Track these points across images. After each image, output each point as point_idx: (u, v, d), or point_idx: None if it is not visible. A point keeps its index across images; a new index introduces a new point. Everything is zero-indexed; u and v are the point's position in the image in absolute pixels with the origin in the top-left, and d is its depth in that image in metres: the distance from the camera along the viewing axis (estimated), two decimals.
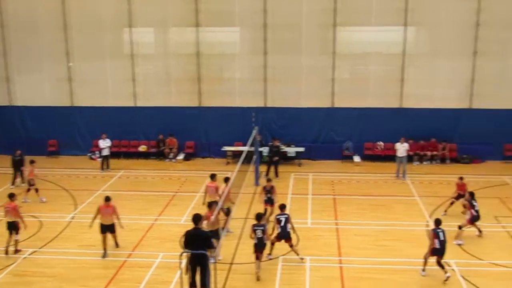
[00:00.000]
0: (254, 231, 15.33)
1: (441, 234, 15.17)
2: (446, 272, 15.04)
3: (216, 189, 18.85)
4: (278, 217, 16.39)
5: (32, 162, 22.77)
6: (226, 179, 18.71)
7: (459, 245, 17.39)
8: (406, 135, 25.33)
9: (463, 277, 15.38)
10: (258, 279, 15.26)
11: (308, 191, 23.36)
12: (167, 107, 28.91)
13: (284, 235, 16.19)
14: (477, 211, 17.82)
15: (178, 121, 28.83)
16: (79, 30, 28.73)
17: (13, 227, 17.08)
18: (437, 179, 24.94)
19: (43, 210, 21.25)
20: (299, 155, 27.57)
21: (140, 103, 29.23)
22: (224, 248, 17.03)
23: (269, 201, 19.35)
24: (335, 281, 15.32)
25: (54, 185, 24.67)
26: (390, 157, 26.84)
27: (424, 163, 27.38)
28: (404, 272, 15.87)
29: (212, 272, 13.02)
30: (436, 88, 27.40)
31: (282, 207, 16.77)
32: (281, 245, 17.37)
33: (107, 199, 17.18)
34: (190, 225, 13.77)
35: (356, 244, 17.80)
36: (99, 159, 27.42)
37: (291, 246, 16.37)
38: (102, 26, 28.61)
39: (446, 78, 27.30)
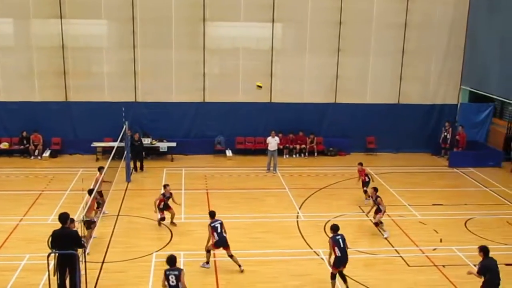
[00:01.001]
0: (167, 276, 12.52)
1: (340, 240, 14.48)
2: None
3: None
4: (213, 224, 15.72)
5: None
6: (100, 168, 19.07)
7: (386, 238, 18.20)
8: (275, 129, 26.07)
9: None
10: None
11: (181, 186, 23.31)
12: (30, 102, 27.41)
13: (223, 243, 15.63)
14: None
15: (43, 117, 27.48)
16: None
17: None
18: (306, 171, 25.94)
19: None
20: (171, 150, 27.41)
21: (0, 98, 27.51)
22: (95, 246, 16.58)
23: (166, 207, 18.78)
24: (209, 275, 15.45)
25: None
26: (261, 151, 27.54)
27: (294, 156, 28.33)
28: (276, 263, 16.35)
29: (82, 272, 12.63)
30: (303, 84, 28.48)
31: (213, 214, 16.05)
32: (153, 241, 17.30)
33: None
34: (58, 225, 13.25)
35: (229, 237, 17.77)
36: None
37: (230, 255, 15.77)
38: None
39: (312, 74, 28.42)
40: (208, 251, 15.89)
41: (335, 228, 14.64)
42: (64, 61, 27.29)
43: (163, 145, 27.26)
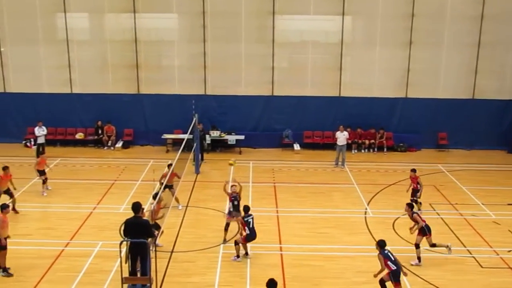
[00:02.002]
0: None
1: (390, 254, 13.76)
2: None
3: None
4: (246, 219, 15.93)
5: (42, 153, 21.96)
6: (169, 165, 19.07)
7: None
8: (344, 124, 25.78)
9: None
10: None
11: (249, 179, 23.45)
12: (104, 94, 28.33)
13: (253, 237, 15.88)
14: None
15: (116, 109, 28.32)
16: (10, 14, 27.72)
17: None
18: (374, 167, 25.54)
19: None
20: (239, 143, 27.61)
21: (76, 90, 28.53)
22: (165, 236, 16.93)
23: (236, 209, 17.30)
24: (275, 268, 15.47)
25: None
26: (329, 145, 27.34)
27: (362, 151, 27.95)
28: (341, 259, 16.19)
29: (152, 261, 12.91)
30: (373, 77, 28.04)
31: (247, 209, 16.17)
32: (221, 233, 17.46)
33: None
34: (129, 214, 13.58)
35: (296, 232, 18.03)
36: (34, 147, 26.63)
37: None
38: (34, 11, 27.67)
39: (383, 67, 27.94)
40: (236, 244, 15.93)
41: (382, 244, 13.84)
42: (136, 55, 27.98)
43: (232, 138, 27.50)
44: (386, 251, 13.87)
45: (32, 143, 27.52)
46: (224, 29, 27.74)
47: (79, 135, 28.51)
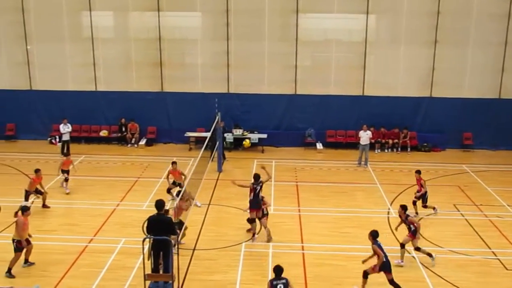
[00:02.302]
0: (275, 287, 12.01)
1: (382, 246, 14.00)
2: None
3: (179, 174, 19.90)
4: (254, 186, 16.89)
5: (67, 154, 22.18)
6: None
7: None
8: (367, 123, 25.62)
9: (423, 264, 15.68)
10: None
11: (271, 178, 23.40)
12: (128, 92, 28.54)
13: (255, 205, 16.83)
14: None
15: (139, 106, 28.53)
16: (36, 12, 28.09)
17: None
18: (398, 167, 25.34)
19: (1, 195, 20.78)
20: (261, 142, 27.62)
21: (101, 88, 28.81)
22: (187, 234, 16.98)
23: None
24: (297, 267, 15.43)
25: (12, 169, 24.16)
26: (351, 144, 27.21)
27: (386, 151, 27.75)
28: (363, 259, 16.08)
29: (174, 258, 12.97)
30: (397, 76, 27.82)
31: (257, 177, 17.08)
32: (242, 231, 17.49)
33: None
34: (152, 211, 13.67)
35: (318, 231, 17.97)
36: (59, 144, 26.95)
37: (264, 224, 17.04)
38: (60, 9, 28.01)
39: (407, 66, 27.71)
40: (251, 221, 16.80)
41: (375, 235, 14.11)
42: (160, 53, 28.15)
43: (254, 137, 27.51)
44: (378, 242, 14.08)
45: (57, 140, 27.85)
46: (247, 27, 27.76)
47: (103, 133, 28.79)
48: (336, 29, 28.14)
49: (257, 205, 16.96)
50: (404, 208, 15.95)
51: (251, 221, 16.98)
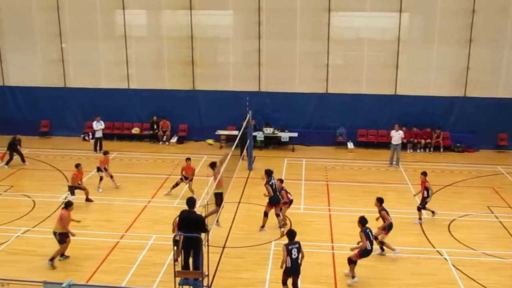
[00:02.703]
0: (290, 250, 13.36)
1: (370, 234, 14.58)
2: None
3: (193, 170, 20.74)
4: (270, 182, 17.53)
5: (106, 152, 22.43)
6: (212, 165, 18.55)
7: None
8: (399, 122, 25.38)
9: (455, 266, 15.48)
10: None
11: (301, 177, 23.40)
12: (160, 90, 28.79)
13: (276, 200, 17.44)
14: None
15: (171, 104, 28.76)
16: (71, 11, 28.54)
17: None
18: (430, 167, 24.95)
19: (36, 190, 21.21)
20: (292, 140, 27.57)
21: (133, 85, 29.13)
22: (217, 231, 17.09)
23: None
24: (326, 267, 15.40)
25: (47, 165, 24.62)
26: (383, 144, 26.97)
27: (418, 151, 27.43)
28: (394, 260, 15.96)
29: (205, 255, 13.04)
30: (430, 75, 27.45)
31: (269, 172, 17.76)
32: (272, 230, 17.51)
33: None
34: (183, 208, 13.75)
35: (348, 231, 17.79)
36: (92, 141, 27.34)
37: (277, 214, 17.61)
38: (94, 7, 28.42)
39: (440, 65, 27.31)
40: (265, 214, 17.46)
41: (364, 222, 14.67)
42: (192, 51, 28.31)
43: (285, 135, 27.49)
44: (367, 230, 14.46)
45: (90, 137, 28.26)
46: (279, 26, 27.73)
47: (135, 130, 29.09)
48: (368, 27, 27.92)
49: (276, 201, 17.32)
50: (380, 201, 16.35)
51: (265, 214, 17.53)
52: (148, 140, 28.98)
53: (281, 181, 18.37)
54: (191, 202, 13.55)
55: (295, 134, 27.61)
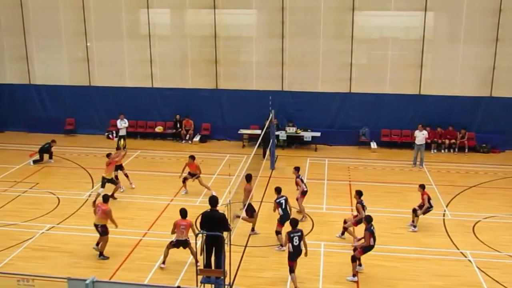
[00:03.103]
0: (291, 238, 14.18)
1: (374, 232, 14.70)
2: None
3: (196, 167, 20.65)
4: (278, 200, 16.65)
5: (118, 148, 22.52)
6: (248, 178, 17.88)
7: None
8: (423, 123, 25.13)
9: (479, 268, 15.30)
10: None
11: (324, 176, 23.32)
12: (184, 89, 28.94)
13: (287, 218, 15.99)
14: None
15: (194, 103, 28.88)
16: (96, 10, 28.83)
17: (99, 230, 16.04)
18: (454, 168, 24.74)
19: (61, 187, 21.47)
20: (315, 140, 27.49)
21: (157, 84, 29.31)
22: (239, 230, 17.11)
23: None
24: (348, 267, 15.30)
25: (71, 163, 24.91)
26: (407, 144, 26.77)
27: (442, 151, 27.14)
28: (417, 261, 15.84)
29: (226, 254, 13.07)
30: (455, 75, 27.12)
31: (279, 190, 16.95)
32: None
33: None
34: (205, 207, 13.82)
35: None
36: (116, 139, 27.58)
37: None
38: (119, 7, 28.67)
39: (466, 65, 26.96)
40: (277, 233, 16.47)
41: (369, 220, 14.80)
42: (215, 50, 28.37)
43: (308, 135, 27.42)
44: (372, 228, 14.50)
45: (114, 135, 28.51)
46: (302, 25, 27.65)
47: (158, 129, 29.27)
48: (392, 26, 27.70)
49: (286, 219, 16.13)
50: (359, 194, 16.80)
51: (278, 233, 16.55)
52: (171, 138, 29.13)
53: (297, 169, 18.90)
54: (213, 200, 13.59)
55: (318, 134, 27.52)
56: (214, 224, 13.21)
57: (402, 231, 17.83)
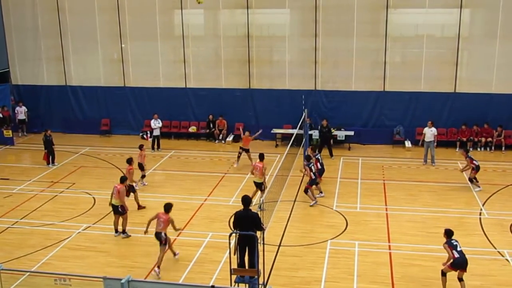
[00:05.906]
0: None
1: (457, 244, 14.05)
2: None
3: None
4: (310, 165, 19.97)
5: (141, 146, 22.57)
6: (261, 156, 20.08)
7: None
8: (459, 121, 24.81)
9: None
10: None
11: (358, 175, 23.16)
12: (217, 89, 29.08)
13: (321, 173, 20.55)
14: None
15: (228, 103, 28.99)
16: (131, 12, 29.17)
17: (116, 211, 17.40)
18: (491, 166, 24.27)
19: (96, 187, 21.80)
20: (348, 139, 27.32)
21: (190, 84, 29.52)
22: (272, 230, 17.13)
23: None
24: (383, 267, 15.21)
25: (107, 163, 25.25)
26: (442, 143, 26.37)
27: (478, 149, 26.67)
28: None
29: (260, 254, 13.11)
30: (492, 73, 26.60)
31: (308, 157, 20.47)
32: (328, 229, 17.44)
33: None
34: (239, 206, 13.87)
35: (405, 230, 17.61)
36: (150, 139, 27.85)
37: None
38: (153, 8, 28.93)
39: (502, 62, 26.41)
40: (306, 191, 19.52)
41: (449, 234, 14.19)
42: (248, 50, 28.42)
43: (341, 134, 27.25)
44: (453, 241, 13.99)
45: (148, 135, 28.79)
46: (336, 23, 27.48)
47: (192, 129, 29.47)
48: (427, 24, 27.28)
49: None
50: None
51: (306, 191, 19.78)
52: (204, 138, 29.30)
53: (313, 149, 21.73)
54: (246, 200, 13.63)
55: (351, 133, 27.33)
56: (247, 223, 13.24)
57: (438, 230, 17.45)
